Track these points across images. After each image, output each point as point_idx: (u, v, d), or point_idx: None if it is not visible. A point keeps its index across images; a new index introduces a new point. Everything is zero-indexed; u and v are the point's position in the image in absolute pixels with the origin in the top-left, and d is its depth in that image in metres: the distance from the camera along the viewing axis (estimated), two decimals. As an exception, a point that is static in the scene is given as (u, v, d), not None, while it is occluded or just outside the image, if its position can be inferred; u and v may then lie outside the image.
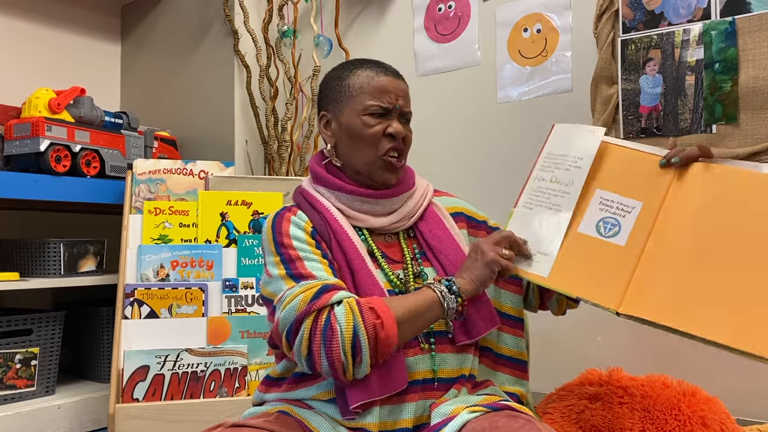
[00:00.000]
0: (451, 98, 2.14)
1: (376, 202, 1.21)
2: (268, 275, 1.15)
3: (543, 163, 1.24)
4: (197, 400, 1.74)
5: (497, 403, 1.08)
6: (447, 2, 2.17)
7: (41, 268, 2.00)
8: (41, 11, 2.50)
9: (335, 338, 1.01)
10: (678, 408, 1.28)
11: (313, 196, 1.22)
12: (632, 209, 1.14)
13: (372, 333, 1.01)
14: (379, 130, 1.19)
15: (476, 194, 1.56)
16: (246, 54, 2.38)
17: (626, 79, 1.79)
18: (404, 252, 1.22)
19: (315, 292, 1.05)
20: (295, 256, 1.13)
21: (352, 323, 1.02)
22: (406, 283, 1.18)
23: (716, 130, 1.65)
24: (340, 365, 1.02)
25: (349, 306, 1.04)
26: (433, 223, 1.25)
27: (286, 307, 1.05)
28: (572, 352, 1.84)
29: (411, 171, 1.30)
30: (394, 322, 1.03)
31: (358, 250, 1.16)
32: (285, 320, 1.05)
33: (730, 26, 1.62)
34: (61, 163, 1.96)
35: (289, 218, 1.19)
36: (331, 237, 1.17)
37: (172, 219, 1.93)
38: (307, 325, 1.03)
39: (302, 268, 1.11)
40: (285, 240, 1.15)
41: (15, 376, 1.89)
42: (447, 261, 1.20)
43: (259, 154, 2.46)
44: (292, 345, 1.05)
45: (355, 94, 1.20)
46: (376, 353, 1.03)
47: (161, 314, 1.81)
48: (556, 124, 1.29)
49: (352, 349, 1.01)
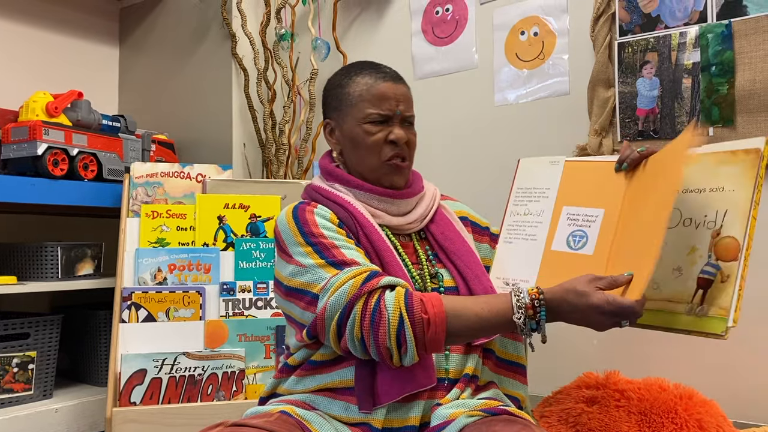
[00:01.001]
0: (448, 101, 2.14)
1: (392, 202, 1.22)
2: (299, 265, 1.11)
3: (515, 199, 1.31)
4: (195, 404, 1.74)
5: (495, 407, 1.08)
6: (444, 5, 2.17)
7: (39, 271, 2.00)
8: (39, 14, 2.50)
9: (383, 323, 1.01)
10: (675, 411, 1.28)
11: (332, 192, 1.22)
12: (596, 218, 1.18)
13: (419, 327, 1.00)
14: (380, 137, 1.19)
15: (474, 197, 1.56)
16: (244, 57, 2.39)
17: (623, 82, 1.79)
18: (419, 253, 1.23)
19: (365, 277, 1.04)
20: (330, 244, 1.11)
21: (399, 312, 1.01)
22: (423, 282, 1.19)
23: (713, 133, 1.65)
24: (386, 351, 1.02)
25: (400, 294, 1.03)
26: (444, 225, 1.27)
27: (335, 293, 1.04)
28: (569, 355, 1.83)
29: (418, 175, 1.31)
30: (444, 321, 1.01)
31: (386, 243, 1.16)
32: (334, 306, 1.04)
33: (727, 29, 1.63)
34: (59, 166, 1.95)
35: (312, 210, 1.18)
36: (359, 230, 1.17)
37: (169, 222, 1.93)
38: (358, 308, 1.02)
39: (342, 255, 1.09)
40: (314, 229, 1.13)
41: (12, 379, 1.89)
42: (460, 262, 1.22)
43: (257, 157, 2.46)
44: (344, 331, 1.04)
45: (355, 102, 1.21)
46: (424, 347, 1.02)
47: (158, 318, 1.81)
48: (521, 159, 1.35)
49: (398, 338, 1.01)
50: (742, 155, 1.04)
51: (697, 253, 1.05)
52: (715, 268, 1.02)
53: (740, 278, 1.00)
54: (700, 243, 1.05)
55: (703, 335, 1.01)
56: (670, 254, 1.07)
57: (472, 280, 1.20)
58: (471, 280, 1.20)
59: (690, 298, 1.04)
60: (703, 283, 1.03)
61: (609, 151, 1.79)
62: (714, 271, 1.02)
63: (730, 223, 1.03)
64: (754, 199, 1.02)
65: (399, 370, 1.05)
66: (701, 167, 1.10)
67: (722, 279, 1.01)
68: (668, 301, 1.06)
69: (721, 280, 1.01)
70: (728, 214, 1.03)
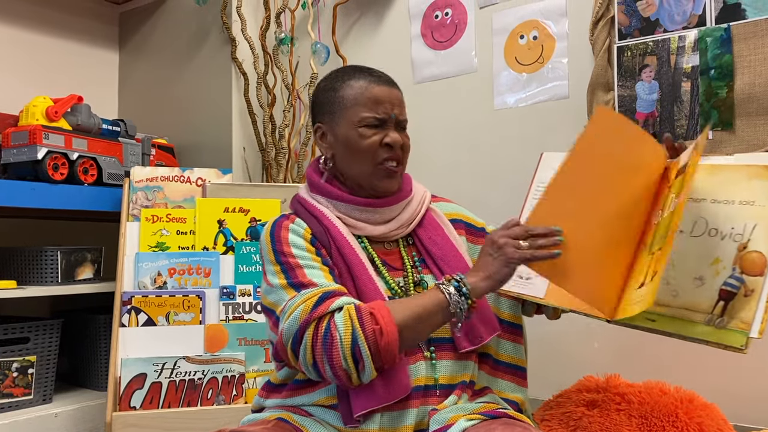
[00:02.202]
0: (448, 105, 2.15)
1: (375, 211, 1.21)
2: (268, 284, 1.14)
3: (535, 192, 1.28)
4: (195, 408, 1.74)
5: (495, 411, 1.08)
6: (443, 9, 2.17)
7: (38, 275, 2.00)
8: (39, 19, 2.50)
9: (335, 346, 1.01)
10: (675, 415, 1.28)
11: (311, 204, 1.22)
12: None
13: (372, 340, 1.01)
14: (376, 140, 1.18)
15: (473, 201, 1.56)
16: (243, 61, 2.39)
17: (622, 86, 1.79)
18: (404, 260, 1.22)
19: (315, 301, 1.05)
20: (295, 264, 1.12)
21: (351, 330, 1.01)
22: (406, 291, 1.18)
23: (712, 137, 1.65)
24: (343, 372, 1.02)
25: (348, 313, 1.03)
26: (432, 229, 1.25)
27: (288, 318, 1.05)
28: (569, 358, 1.83)
29: (408, 177, 1.29)
30: (395, 328, 1.02)
31: (358, 257, 1.16)
32: (288, 331, 1.05)
33: (725, 33, 1.63)
34: (59, 170, 1.96)
35: (287, 226, 1.18)
36: (331, 244, 1.16)
37: (169, 226, 1.93)
38: (309, 334, 1.03)
39: (302, 277, 1.10)
40: (284, 248, 1.14)
41: (12, 384, 1.89)
42: (448, 268, 1.20)
43: (257, 161, 2.46)
44: (298, 355, 1.05)
45: (350, 105, 1.20)
46: (380, 359, 1.02)
47: (158, 322, 1.81)
48: (545, 152, 1.32)
49: (353, 356, 1.01)
50: None
51: (721, 264, 1.04)
52: (739, 281, 1.02)
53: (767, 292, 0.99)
54: (725, 254, 1.05)
55: (721, 347, 1.01)
56: (691, 263, 1.07)
57: None
58: None
59: (710, 309, 1.03)
60: (725, 294, 1.03)
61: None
62: (738, 284, 1.02)
63: (758, 238, 1.02)
64: None
65: (372, 384, 1.05)
66: (733, 179, 1.09)
67: (746, 293, 1.01)
68: (686, 309, 1.06)
69: (744, 293, 1.01)
70: (757, 229, 1.03)
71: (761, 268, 1.01)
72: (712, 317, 1.03)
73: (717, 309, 1.03)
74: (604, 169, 1.11)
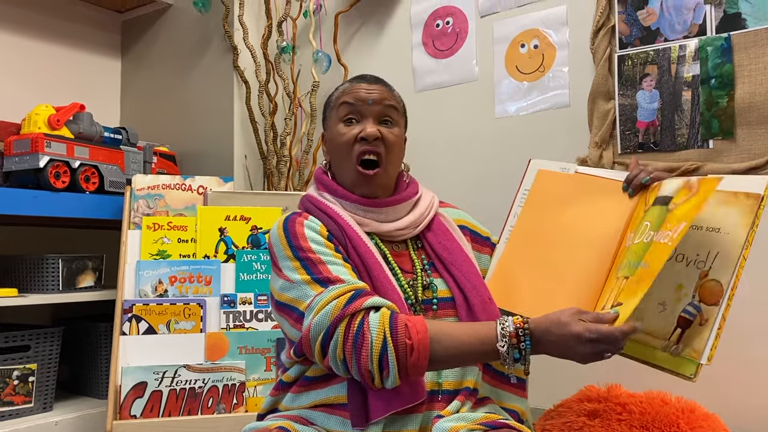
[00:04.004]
0: (449, 113, 2.15)
1: (379, 211, 1.22)
2: (286, 280, 1.11)
3: (519, 201, 1.29)
4: (195, 417, 1.74)
5: (496, 421, 1.08)
6: (445, 18, 2.18)
7: (40, 283, 2.00)
8: (41, 27, 2.52)
9: (365, 346, 1.00)
10: (677, 425, 1.28)
11: (323, 203, 1.22)
12: None
13: (402, 353, 1.00)
14: (352, 135, 1.20)
15: (474, 209, 1.56)
16: (245, 70, 2.40)
17: (623, 95, 1.79)
18: (414, 262, 1.22)
19: (349, 297, 1.04)
20: (317, 259, 1.10)
21: (383, 336, 1.00)
22: (415, 292, 1.18)
23: (713, 146, 1.65)
24: (367, 373, 1.01)
25: (384, 318, 1.02)
26: (441, 234, 1.26)
27: (318, 312, 1.04)
28: (570, 368, 1.82)
29: (414, 181, 1.30)
30: (427, 347, 1.00)
31: (374, 256, 1.16)
32: (319, 326, 1.03)
33: (726, 42, 1.63)
34: (60, 179, 1.96)
35: (302, 222, 1.17)
36: (347, 242, 1.16)
37: (170, 234, 1.93)
38: (341, 329, 1.02)
39: (327, 272, 1.08)
40: (302, 243, 1.13)
41: (12, 392, 1.88)
42: (458, 272, 1.20)
43: (258, 169, 2.46)
44: (327, 351, 1.03)
45: (334, 105, 1.25)
46: (406, 372, 1.01)
47: (159, 330, 1.81)
48: (532, 159, 1.33)
49: (380, 362, 1.00)
50: (743, 198, 1.03)
51: (683, 291, 1.04)
52: (696, 309, 1.02)
53: (720, 319, 0.99)
54: (687, 281, 1.04)
55: (674, 374, 1.01)
56: (657, 288, 1.05)
57: (469, 290, 1.18)
58: (468, 291, 1.18)
59: (668, 335, 1.03)
60: (682, 322, 1.03)
61: (609, 163, 1.80)
62: (694, 312, 1.02)
63: (718, 267, 1.02)
64: (748, 240, 1.01)
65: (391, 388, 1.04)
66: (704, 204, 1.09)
67: (700, 322, 1.01)
68: (648, 335, 1.06)
69: (699, 322, 1.01)
70: (718, 258, 1.02)
71: (717, 297, 1.00)
72: (668, 344, 1.03)
73: (674, 336, 1.03)
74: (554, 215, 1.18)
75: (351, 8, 2.35)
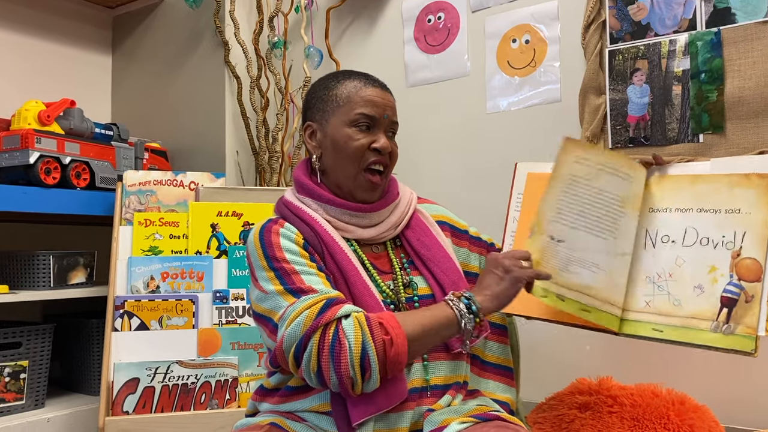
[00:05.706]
0: (440, 108, 2.15)
1: (365, 216, 1.20)
2: (261, 291, 1.10)
3: (515, 204, 1.31)
4: (188, 413, 1.74)
5: (487, 413, 1.08)
6: (436, 13, 2.18)
7: (31, 280, 1.99)
8: (31, 23, 2.50)
9: (343, 353, 0.99)
10: (667, 417, 1.28)
11: (300, 208, 1.20)
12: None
13: (381, 350, 0.99)
14: (364, 143, 1.18)
15: (465, 204, 1.57)
16: (237, 65, 2.39)
17: (614, 89, 1.80)
18: (393, 262, 1.21)
19: (320, 308, 1.02)
20: (291, 270, 1.09)
21: (361, 339, 0.99)
22: (397, 293, 1.17)
23: (703, 140, 1.66)
24: (348, 380, 1.00)
25: (358, 321, 1.01)
26: (419, 231, 1.25)
27: (290, 324, 1.02)
28: (562, 361, 1.84)
29: (394, 180, 1.29)
30: (405, 340, 1.01)
31: (352, 262, 1.15)
32: (291, 338, 1.02)
33: (716, 37, 1.64)
34: (51, 175, 1.95)
35: (278, 231, 1.16)
36: (324, 249, 1.15)
37: (162, 230, 1.93)
38: (315, 340, 1.00)
39: (300, 283, 1.07)
40: (277, 253, 1.11)
41: (4, 389, 1.88)
42: (437, 269, 1.20)
43: (250, 164, 2.46)
44: (300, 362, 1.02)
45: (342, 104, 1.19)
46: (386, 370, 1.01)
47: (151, 326, 1.81)
48: (519, 163, 1.35)
49: (361, 364, 0.99)
50: (756, 179, 1.09)
51: (718, 272, 1.09)
52: (738, 288, 1.06)
53: (766, 296, 1.04)
54: (720, 262, 1.09)
55: (732, 352, 1.04)
56: (688, 272, 1.11)
57: (448, 286, 1.18)
58: (448, 287, 1.17)
59: (715, 316, 1.07)
60: (726, 301, 1.07)
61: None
62: (738, 291, 1.06)
63: (750, 245, 1.07)
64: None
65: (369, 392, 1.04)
66: (715, 188, 1.14)
67: (746, 299, 1.05)
68: (691, 318, 1.09)
69: (745, 300, 1.05)
70: (747, 236, 1.08)
71: (757, 274, 1.05)
72: (718, 324, 1.07)
73: (722, 316, 1.07)
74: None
75: (342, 3, 2.34)
